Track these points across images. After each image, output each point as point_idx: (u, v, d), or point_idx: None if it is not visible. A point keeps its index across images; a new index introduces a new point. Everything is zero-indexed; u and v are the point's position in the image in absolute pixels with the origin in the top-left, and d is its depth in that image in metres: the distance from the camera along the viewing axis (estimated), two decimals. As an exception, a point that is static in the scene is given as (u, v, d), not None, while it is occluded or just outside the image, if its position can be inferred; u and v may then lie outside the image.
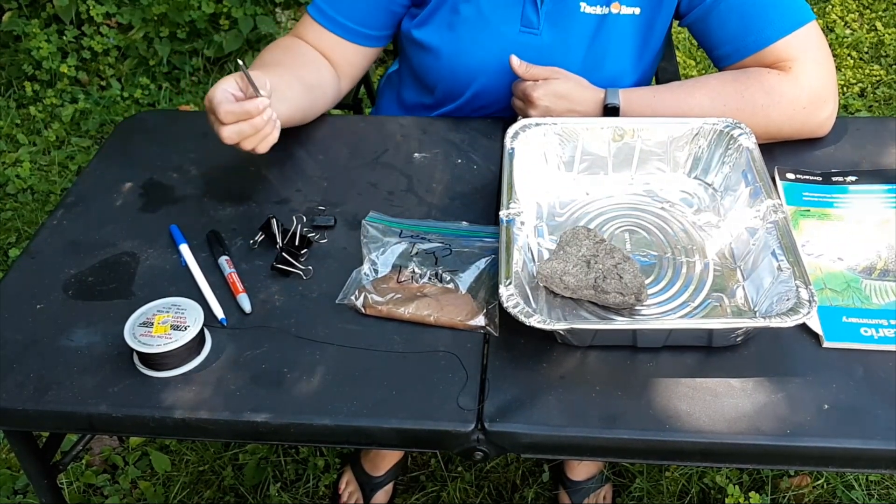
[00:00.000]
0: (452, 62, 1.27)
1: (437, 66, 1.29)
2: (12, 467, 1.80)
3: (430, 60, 1.29)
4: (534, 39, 1.24)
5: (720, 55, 1.24)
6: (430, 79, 1.31)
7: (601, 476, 1.71)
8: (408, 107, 1.42)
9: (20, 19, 2.98)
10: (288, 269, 1.04)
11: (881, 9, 3.28)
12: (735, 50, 1.21)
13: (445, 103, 1.34)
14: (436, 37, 1.26)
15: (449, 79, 1.30)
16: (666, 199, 1.13)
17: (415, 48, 1.31)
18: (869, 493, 1.72)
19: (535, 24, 1.23)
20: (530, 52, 1.23)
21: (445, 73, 1.29)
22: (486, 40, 1.25)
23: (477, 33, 1.25)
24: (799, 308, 0.87)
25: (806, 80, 1.16)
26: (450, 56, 1.27)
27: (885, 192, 1.12)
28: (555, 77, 1.19)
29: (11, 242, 2.38)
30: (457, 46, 1.26)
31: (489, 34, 1.24)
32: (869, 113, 2.78)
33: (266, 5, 3.01)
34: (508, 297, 0.90)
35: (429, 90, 1.35)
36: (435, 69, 1.29)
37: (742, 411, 0.86)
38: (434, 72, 1.30)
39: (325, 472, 1.79)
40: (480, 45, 1.25)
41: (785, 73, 1.17)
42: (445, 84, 1.31)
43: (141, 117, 1.36)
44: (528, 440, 0.87)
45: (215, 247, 1.07)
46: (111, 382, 0.92)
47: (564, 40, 1.25)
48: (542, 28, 1.24)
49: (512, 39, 1.24)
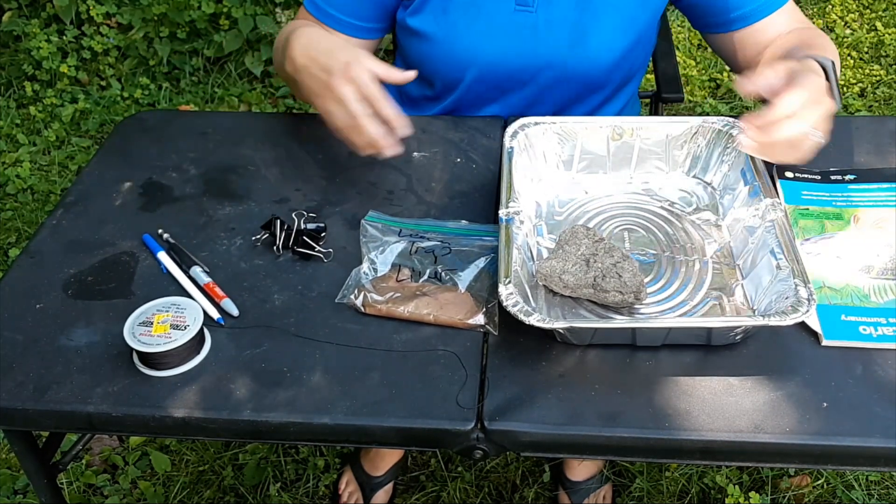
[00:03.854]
0: (448, 46, 1.26)
1: (433, 52, 1.27)
2: (12, 467, 1.80)
3: (425, 48, 1.27)
4: (529, 17, 1.23)
5: (737, 16, 1.24)
6: (428, 68, 1.30)
7: (601, 476, 1.71)
8: (413, 99, 1.42)
9: (20, 19, 2.99)
10: (308, 253, 1.05)
11: (881, 9, 3.28)
12: (753, 10, 1.22)
13: (445, 95, 1.34)
14: (430, 22, 1.25)
15: (446, 65, 1.28)
16: (665, 198, 1.13)
17: (410, 38, 1.30)
18: (869, 493, 1.72)
19: (530, 0, 1.22)
20: (525, 31, 1.23)
21: (442, 58, 1.28)
22: (480, 21, 1.23)
23: (471, 15, 1.23)
24: (798, 306, 0.87)
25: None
26: (445, 40, 1.25)
27: (885, 190, 1.12)
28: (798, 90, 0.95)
29: (11, 242, 2.38)
30: (451, 30, 1.24)
31: (483, 14, 1.23)
32: (869, 113, 2.78)
33: (266, 5, 3.01)
34: (508, 295, 0.90)
35: (428, 83, 1.34)
36: (431, 56, 1.28)
37: (741, 409, 0.86)
38: (431, 59, 1.29)
39: (325, 472, 1.80)
40: (475, 27, 1.24)
41: (816, 29, 1.22)
42: (443, 72, 1.30)
43: (141, 117, 1.37)
44: (527, 439, 0.87)
45: (183, 256, 1.06)
46: (111, 382, 0.92)
47: (554, 15, 1.23)
48: (538, 4, 1.22)
49: (507, 18, 1.23)
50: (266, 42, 2.96)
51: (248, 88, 2.96)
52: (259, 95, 2.91)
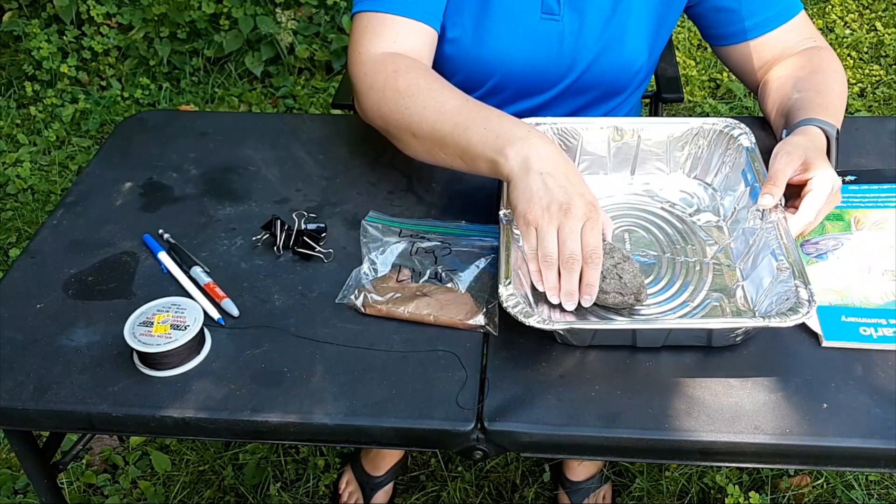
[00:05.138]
0: (474, 52, 1.26)
1: (459, 55, 1.27)
2: (12, 467, 1.80)
3: (450, 50, 1.27)
4: (555, 26, 1.23)
5: (747, 26, 1.24)
6: (450, 69, 1.30)
7: (601, 476, 1.71)
8: None
9: (20, 19, 2.99)
10: (309, 253, 1.05)
11: (881, 9, 3.28)
12: (766, 19, 1.23)
13: None
14: (459, 26, 1.25)
15: (470, 68, 1.28)
16: (666, 199, 1.13)
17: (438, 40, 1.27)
18: (869, 493, 1.72)
19: (555, 9, 1.22)
20: (551, 39, 1.23)
21: (466, 62, 1.28)
22: (506, 28, 1.24)
23: (498, 21, 1.24)
24: (798, 308, 0.87)
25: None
26: (472, 46, 1.25)
27: (885, 191, 1.12)
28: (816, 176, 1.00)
29: (11, 242, 2.38)
30: (478, 35, 1.25)
31: (511, 22, 1.23)
32: (869, 113, 2.78)
33: (266, 5, 3.01)
34: (508, 296, 0.90)
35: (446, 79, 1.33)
36: (456, 59, 1.28)
37: (741, 410, 0.86)
38: (454, 61, 1.28)
39: (325, 471, 1.80)
40: (502, 34, 1.24)
41: (826, 50, 1.24)
42: (465, 73, 1.29)
43: (141, 117, 1.37)
44: (527, 439, 0.87)
45: (184, 256, 1.06)
46: (111, 382, 0.92)
47: (583, 24, 1.23)
48: (564, 13, 1.23)
49: (533, 27, 1.23)
50: (266, 42, 2.96)
51: (249, 88, 2.96)
52: (259, 95, 2.91)
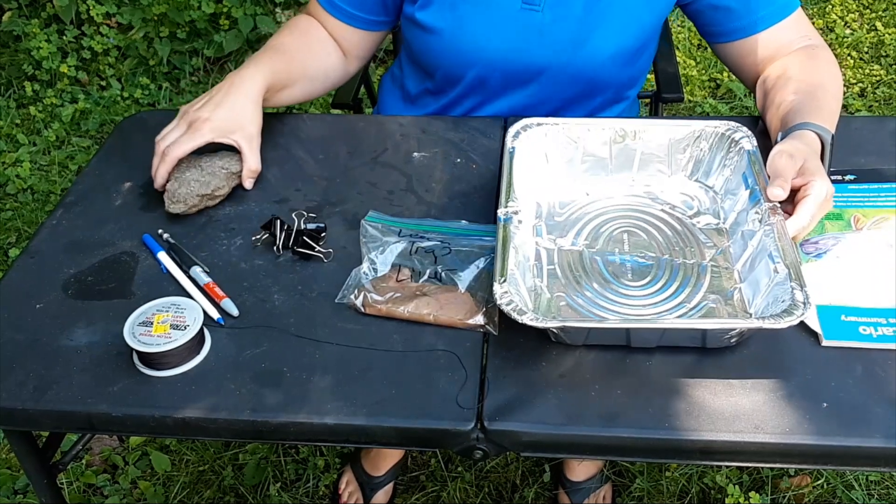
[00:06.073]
0: (454, 42, 1.26)
1: (439, 46, 1.28)
2: (12, 467, 1.80)
3: (431, 41, 1.28)
4: (535, 16, 1.23)
5: (744, 24, 1.24)
6: (431, 61, 1.31)
7: (601, 476, 1.71)
8: (412, 97, 1.42)
9: (20, 19, 2.98)
10: (309, 253, 1.05)
11: (881, 9, 3.28)
12: (763, 16, 1.23)
13: (447, 89, 1.34)
14: (438, 17, 1.26)
15: (450, 59, 1.29)
16: (666, 202, 1.13)
17: (417, 31, 1.30)
18: (869, 493, 1.72)
19: (536, 0, 1.22)
20: (531, 30, 1.23)
21: (447, 53, 1.28)
22: (487, 18, 1.24)
23: (478, 11, 1.24)
24: (793, 310, 0.87)
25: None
26: (451, 35, 1.26)
27: (885, 191, 1.12)
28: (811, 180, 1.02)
29: (11, 242, 2.38)
30: (458, 25, 1.25)
31: (490, 12, 1.24)
32: (869, 113, 2.78)
33: (266, 5, 3.01)
34: (503, 294, 0.90)
35: (429, 75, 1.35)
36: (436, 50, 1.29)
37: (741, 409, 0.86)
38: (435, 53, 1.29)
39: (325, 471, 1.80)
40: (482, 23, 1.24)
41: (823, 49, 1.24)
42: (446, 66, 1.30)
43: (141, 117, 1.37)
44: (527, 439, 0.87)
45: (183, 256, 1.06)
46: (111, 382, 0.92)
47: (565, 14, 1.23)
48: (544, 3, 1.22)
49: (513, 17, 1.23)
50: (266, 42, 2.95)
51: (249, 88, 2.96)
52: (259, 95, 2.91)
